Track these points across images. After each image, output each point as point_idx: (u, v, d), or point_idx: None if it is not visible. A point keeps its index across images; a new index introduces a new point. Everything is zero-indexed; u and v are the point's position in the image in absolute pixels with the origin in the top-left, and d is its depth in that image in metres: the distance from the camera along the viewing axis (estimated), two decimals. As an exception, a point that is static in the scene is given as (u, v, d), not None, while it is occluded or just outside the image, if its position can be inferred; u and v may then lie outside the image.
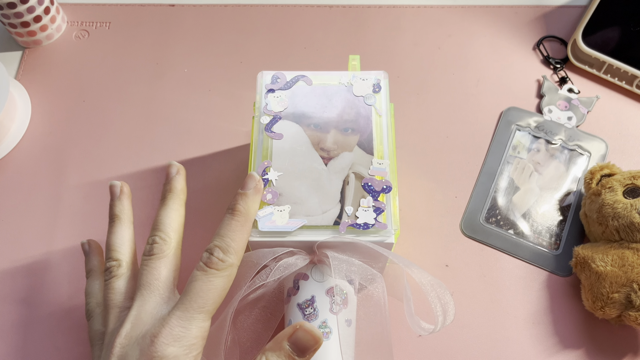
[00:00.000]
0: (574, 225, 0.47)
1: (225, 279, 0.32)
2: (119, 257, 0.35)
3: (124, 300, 0.33)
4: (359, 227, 0.37)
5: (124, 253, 0.35)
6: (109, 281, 0.34)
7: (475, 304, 0.45)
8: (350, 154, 0.40)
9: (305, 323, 0.30)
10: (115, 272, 0.34)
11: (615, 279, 0.40)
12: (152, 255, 0.33)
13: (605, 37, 0.54)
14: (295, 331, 0.30)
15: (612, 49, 0.53)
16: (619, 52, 0.53)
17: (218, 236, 0.33)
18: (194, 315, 0.31)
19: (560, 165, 0.50)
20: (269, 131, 0.40)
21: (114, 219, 0.37)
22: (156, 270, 0.33)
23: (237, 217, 0.34)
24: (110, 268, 0.35)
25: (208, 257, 0.32)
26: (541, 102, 0.53)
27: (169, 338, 0.30)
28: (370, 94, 0.42)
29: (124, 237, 0.36)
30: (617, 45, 0.53)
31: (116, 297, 0.34)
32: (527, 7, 0.59)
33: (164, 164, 0.51)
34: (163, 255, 0.34)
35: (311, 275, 0.38)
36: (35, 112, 0.54)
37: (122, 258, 0.35)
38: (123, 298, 0.34)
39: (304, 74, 0.43)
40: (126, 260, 0.35)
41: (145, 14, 0.59)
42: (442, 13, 0.59)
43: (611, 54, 0.53)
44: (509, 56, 0.56)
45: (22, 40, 0.57)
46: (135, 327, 0.31)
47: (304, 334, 0.30)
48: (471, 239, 0.47)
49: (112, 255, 0.35)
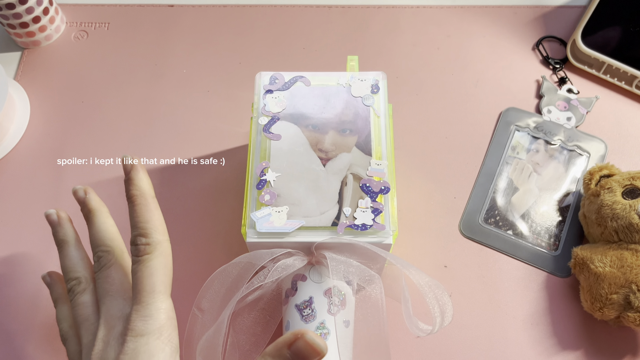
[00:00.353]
0: (572, 226, 0.47)
1: (161, 256, 0.33)
2: (77, 276, 0.37)
3: (92, 313, 0.35)
4: (357, 228, 0.37)
5: (80, 271, 0.37)
6: (74, 299, 0.36)
7: (474, 305, 0.45)
8: (348, 154, 0.40)
9: (307, 332, 0.30)
10: (77, 289, 0.36)
11: (614, 280, 0.40)
12: (101, 267, 0.35)
13: (605, 38, 0.54)
14: (297, 340, 0.30)
15: (612, 49, 0.53)
16: (619, 52, 0.53)
17: (133, 228, 0.34)
18: (149, 302, 0.32)
19: (559, 166, 0.50)
20: (267, 132, 0.40)
21: (62, 244, 0.38)
22: (109, 277, 0.35)
23: (137, 201, 0.34)
24: (72, 288, 0.36)
25: (135, 248, 0.33)
26: (540, 103, 0.53)
27: (135, 331, 0.31)
28: (368, 94, 0.42)
29: (76, 257, 0.38)
30: (617, 45, 0.53)
31: (84, 311, 0.35)
32: (527, 7, 0.59)
33: (162, 165, 0.51)
34: (110, 264, 0.35)
35: (309, 276, 0.38)
36: (34, 113, 0.54)
37: (80, 275, 0.37)
38: (91, 311, 0.35)
39: (302, 74, 0.43)
40: (85, 276, 0.37)
41: (144, 15, 0.59)
42: (441, 13, 0.59)
43: (610, 54, 0.53)
44: (508, 56, 0.56)
45: (21, 40, 0.57)
46: (108, 331, 0.33)
47: (305, 345, 0.30)
48: (470, 239, 0.47)
49: (70, 276, 0.37)
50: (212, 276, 0.37)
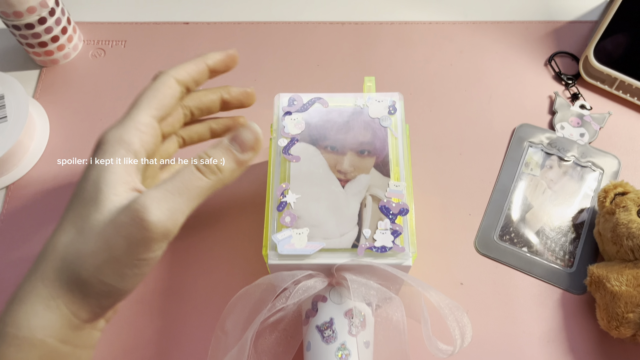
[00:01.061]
0: (587, 243, 0.48)
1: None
2: None
3: None
4: (377, 250, 0.37)
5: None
6: None
7: (490, 322, 0.45)
8: (367, 176, 0.40)
9: (247, 122, 0.35)
10: None
11: (630, 299, 0.41)
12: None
13: (617, 54, 0.54)
14: (237, 129, 0.34)
15: (624, 65, 0.54)
16: (631, 68, 0.53)
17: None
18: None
19: (573, 182, 0.51)
20: (286, 154, 0.41)
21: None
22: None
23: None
24: None
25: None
26: (553, 119, 0.53)
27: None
28: (385, 115, 0.43)
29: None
30: (629, 61, 0.54)
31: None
32: (538, 22, 0.60)
33: None
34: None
35: (330, 298, 0.39)
36: (53, 131, 0.55)
37: None
38: None
39: (320, 96, 0.43)
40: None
41: (160, 32, 0.60)
42: (454, 29, 0.60)
43: (623, 70, 0.53)
44: (520, 72, 0.57)
45: (40, 59, 0.57)
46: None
47: (243, 131, 0.33)
48: (485, 256, 0.48)
49: None
50: (235, 298, 0.38)
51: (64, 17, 0.56)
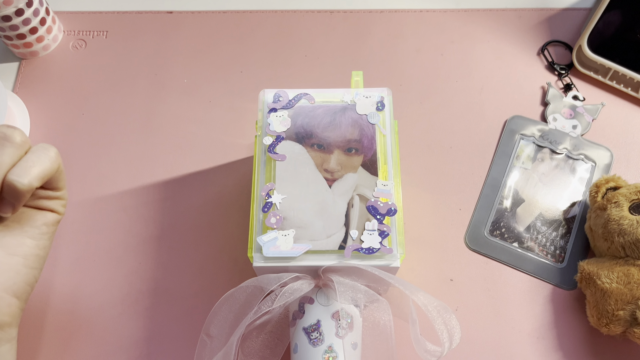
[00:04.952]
0: (578, 237, 0.47)
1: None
2: None
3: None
4: (364, 251, 0.37)
5: None
6: None
7: (480, 319, 0.45)
8: (354, 175, 0.39)
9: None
10: None
11: (620, 296, 0.40)
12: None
13: (611, 43, 0.53)
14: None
15: (618, 55, 0.53)
16: (625, 58, 0.52)
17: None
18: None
19: (564, 176, 0.50)
20: (272, 152, 0.40)
21: None
22: None
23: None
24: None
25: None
26: (546, 110, 0.52)
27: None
28: (373, 112, 0.41)
29: None
30: (623, 51, 0.53)
31: None
32: (532, 10, 0.58)
33: (165, 179, 0.51)
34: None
35: (317, 299, 0.38)
36: (33, 125, 0.54)
37: None
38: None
39: (306, 91, 0.42)
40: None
41: (143, 22, 0.58)
42: (445, 17, 0.58)
43: (617, 60, 0.52)
44: (512, 62, 0.56)
45: (19, 51, 0.56)
46: None
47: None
48: (476, 252, 0.47)
49: None
50: (220, 301, 0.37)
51: (42, 8, 0.54)
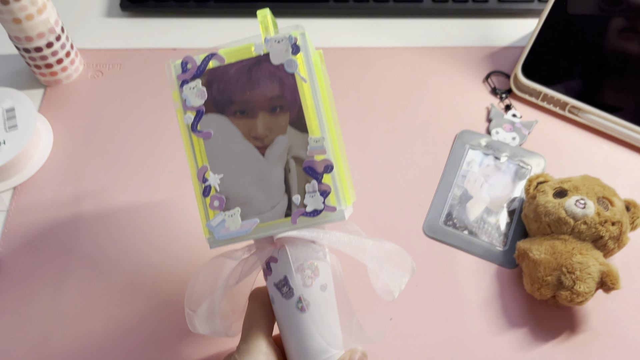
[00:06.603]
0: (518, 225, 0.56)
1: None
2: None
3: None
4: (309, 215, 0.36)
5: None
6: None
7: (437, 294, 0.53)
8: (284, 137, 0.37)
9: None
10: None
11: (548, 264, 0.49)
12: None
13: (541, 71, 0.64)
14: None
15: (547, 80, 0.63)
16: (553, 82, 0.63)
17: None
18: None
19: (506, 177, 0.59)
20: (195, 131, 0.37)
21: None
22: None
23: None
24: None
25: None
26: (490, 125, 0.63)
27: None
28: (289, 59, 0.36)
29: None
30: (551, 77, 0.64)
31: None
32: (478, 47, 0.70)
33: (173, 197, 0.58)
34: None
35: (279, 258, 0.39)
36: (56, 141, 0.62)
37: None
38: None
39: (213, 51, 0.38)
40: None
41: (151, 57, 0.69)
42: (406, 53, 0.69)
43: (546, 85, 0.63)
44: (462, 88, 0.66)
45: (45, 79, 0.65)
46: None
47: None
48: (432, 239, 0.56)
49: None
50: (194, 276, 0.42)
51: (68, 43, 0.64)
